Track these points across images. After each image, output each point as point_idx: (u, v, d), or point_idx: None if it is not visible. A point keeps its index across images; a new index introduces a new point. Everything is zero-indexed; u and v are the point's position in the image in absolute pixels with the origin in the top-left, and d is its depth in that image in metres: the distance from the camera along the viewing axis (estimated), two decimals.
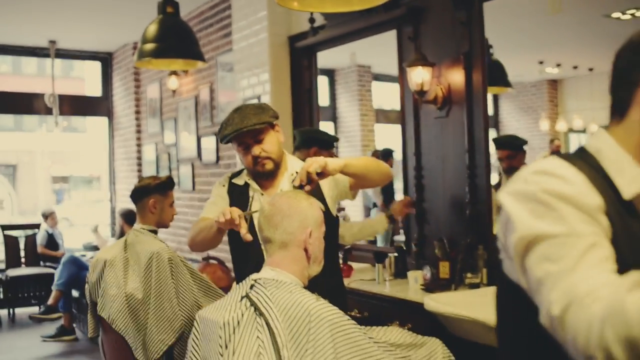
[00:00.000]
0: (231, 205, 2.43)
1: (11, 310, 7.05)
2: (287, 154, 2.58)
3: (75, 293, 6.22)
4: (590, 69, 3.81)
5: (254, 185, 2.51)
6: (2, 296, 7.05)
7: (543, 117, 4.16)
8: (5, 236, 7.31)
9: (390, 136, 4.98)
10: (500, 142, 3.77)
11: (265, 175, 2.47)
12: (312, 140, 3.38)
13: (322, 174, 2.20)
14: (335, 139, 2.69)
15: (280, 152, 2.50)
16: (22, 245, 7.32)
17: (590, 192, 1.07)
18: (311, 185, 2.19)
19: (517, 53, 4.44)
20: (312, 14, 4.46)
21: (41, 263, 7.29)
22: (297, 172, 2.31)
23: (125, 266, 3.21)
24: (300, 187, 2.19)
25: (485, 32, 3.43)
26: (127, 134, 7.87)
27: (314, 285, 2.13)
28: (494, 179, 3.52)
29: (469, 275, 3.13)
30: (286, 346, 1.86)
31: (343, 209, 5.40)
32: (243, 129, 2.38)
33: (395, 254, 3.59)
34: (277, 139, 2.49)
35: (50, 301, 6.15)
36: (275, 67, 4.75)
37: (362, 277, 3.54)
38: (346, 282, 3.42)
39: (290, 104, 4.82)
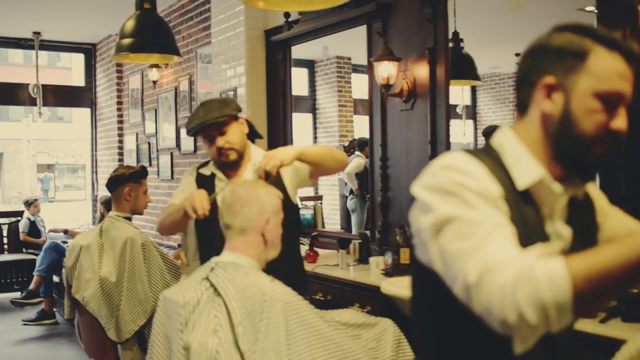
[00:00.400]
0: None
1: None
2: (250, 144, 2.72)
3: (56, 278, 6.35)
4: None
5: (219, 175, 2.64)
6: None
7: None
8: None
9: (363, 125, 5.12)
10: (487, 134, 3.89)
11: (230, 166, 2.61)
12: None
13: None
14: (259, 135, 2.82)
15: (243, 143, 2.63)
16: (4, 233, 7.43)
17: (490, 182, 1.19)
18: (269, 179, 2.35)
19: (493, 45, 4.57)
20: None
21: (23, 250, 7.40)
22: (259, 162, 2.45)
23: (100, 251, 3.35)
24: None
25: (460, 26, 3.56)
26: (109, 124, 7.97)
27: (274, 269, 2.27)
28: None
29: None
30: (241, 324, 2.01)
31: (321, 198, 5.56)
32: (207, 122, 2.52)
33: (360, 241, 3.75)
34: (241, 131, 2.63)
35: (31, 286, 6.29)
36: (251, 60, 4.88)
37: (327, 263, 3.70)
38: (311, 267, 3.59)
39: (265, 96, 4.95)
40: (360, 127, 5.38)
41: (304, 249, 3.93)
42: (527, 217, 1.23)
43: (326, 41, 4.69)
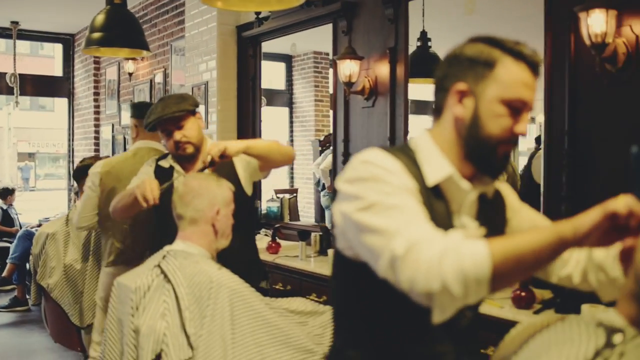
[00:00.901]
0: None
1: None
2: (207, 138, 2.83)
3: (29, 266, 6.42)
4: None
5: (177, 167, 2.75)
6: None
7: None
8: None
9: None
10: None
11: (187, 159, 2.72)
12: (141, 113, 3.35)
13: (224, 157, 2.45)
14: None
15: (200, 137, 2.74)
16: None
17: (406, 176, 1.30)
18: (213, 167, 2.44)
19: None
20: None
21: None
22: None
23: (65, 239, 3.45)
24: (204, 169, 2.45)
25: (438, 24, 3.65)
26: (86, 115, 8.03)
27: (227, 257, 2.39)
28: None
29: None
30: (189, 308, 2.12)
31: (296, 191, 5.65)
32: (164, 116, 2.62)
33: (320, 233, 3.87)
34: (198, 125, 2.74)
35: (4, 273, 6.37)
36: (222, 55, 4.98)
37: (288, 254, 3.82)
38: (272, 258, 3.70)
39: (236, 90, 5.05)
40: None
41: (266, 240, 4.05)
42: (436, 210, 1.34)
43: (303, 36, 4.77)
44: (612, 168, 2.64)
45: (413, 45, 3.97)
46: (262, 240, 4.08)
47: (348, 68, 3.76)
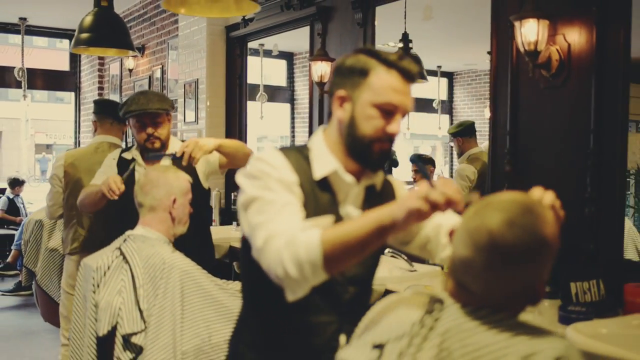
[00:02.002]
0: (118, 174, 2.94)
1: None
2: (172, 137, 3.08)
3: None
4: None
5: (139, 160, 3.00)
6: None
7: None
8: None
9: None
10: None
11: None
12: (109, 112, 3.68)
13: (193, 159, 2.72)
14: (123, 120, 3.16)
15: (168, 135, 3.00)
16: None
17: (288, 171, 1.50)
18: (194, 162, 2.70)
19: (468, 43, 4.81)
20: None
21: (5, 226, 7.78)
22: (175, 152, 2.77)
23: (52, 226, 3.72)
24: (174, 157, 2.69)
25: (430, 23, 3.82)
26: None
27: (182, 243, 2.63)
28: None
29: None
30: (143, 287, 2.37)
31: None
32: (148, 110, 2.87)
33: None
34: (169, 125, 2.99)
35: (9, 259, 6.67)
36: (211, 54, 5.22)
37: None
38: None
39: (224, 87, 5.29)
40: None
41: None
42: (321, 201, 1.54)
43: (304, 35, 4.91)
44: (548, 164, 2.84)
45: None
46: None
47: (320, 69, 3.99)
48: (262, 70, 5.58)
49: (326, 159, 1.57)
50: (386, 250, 3.16)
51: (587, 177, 2.65)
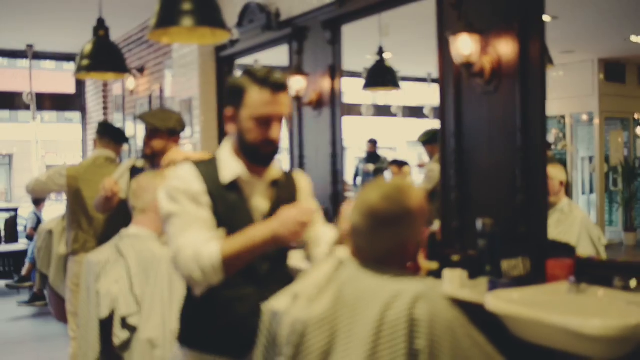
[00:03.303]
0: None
1: None
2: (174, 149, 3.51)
3: None
4: None
5: (147, 167, 3.45)
6: None
7: None
8: None
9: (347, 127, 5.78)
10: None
11: (153, 162, 3.42)
12: (109, 133, 4.19)
13: None
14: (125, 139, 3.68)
15: (161, 149, 3.42)
16: (2, 226, 8.30)
17: (195, 182, 1.86)
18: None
19: None
20: (230, 28, 5.38)
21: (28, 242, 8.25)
22: None
23: (61, 233, 4.17)
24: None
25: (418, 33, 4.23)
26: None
27: None
28: None
29: None
30: (136, 276, 2.80)
31: None
32: (163, 127, 3.35)
33: None
34: (165, 143, 3.41)
35: (23, 272, 7.13)
36: (203, 72, 5.68)
37: None
38: None
39: (216, 103, 5.74)
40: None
41: None
42: (230, 200, 1.90)
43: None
44: (486, 159, 3.26)
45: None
46: None
47: (297, 83, 4.43)
48: None
49: (232, 165, 1.93)
50: None
51: (516, 169, 3.07)
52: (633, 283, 2.45)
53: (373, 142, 5.52)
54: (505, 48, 3.12)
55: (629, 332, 2.07)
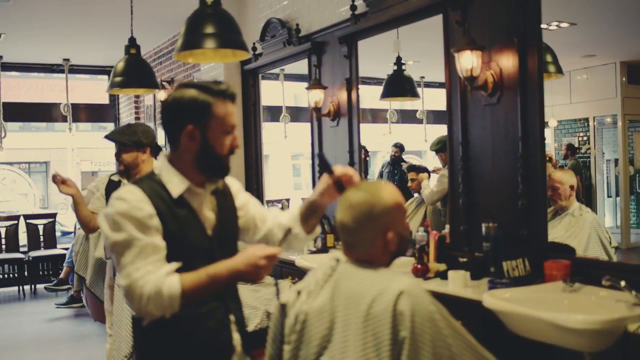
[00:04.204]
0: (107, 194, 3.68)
1: (33, 286, 8.46)
2: (153, 161, 3.65)
3: None
4: None
5: (124, 181, 3.70)
6: (26, 274, 8.45)
7: None
8: (27, 224, 8.70)
9: (368, 132, 5.95)
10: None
11: (127, 175, 3.67)
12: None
13: None
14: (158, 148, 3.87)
15: (130, 162, 3.64)
16: (41, 232, 8.70)
17: (144, 205, 1.77)
18: None
19: None
20: (254, 43, 5.67)
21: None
22: None
23: (97, 237, 4.47)
24: None
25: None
26: None
27: None
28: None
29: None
30: None
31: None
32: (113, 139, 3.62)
33: None
34: (134, 157, 3.63)
35: (61, 275, 7.49)
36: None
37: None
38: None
39: (241, 113, 6.02)
40: (363, 134, 6.00)
41: None
42: (180, 215, 1.85)
43: None
44: (490, 166, 3.47)
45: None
46: None
47: (316, 95, 4.68)
48: (283, 93, 6.27)
49: (177, 180, 1.88)
50: None
51: (518, 176, 3.27)
52: (622, 283, 2.62)
53: (398, 147, 5.73)
54: (506, 62, 3.33)
55: (610, 325, 2.26)
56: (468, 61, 3.34)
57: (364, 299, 1.74)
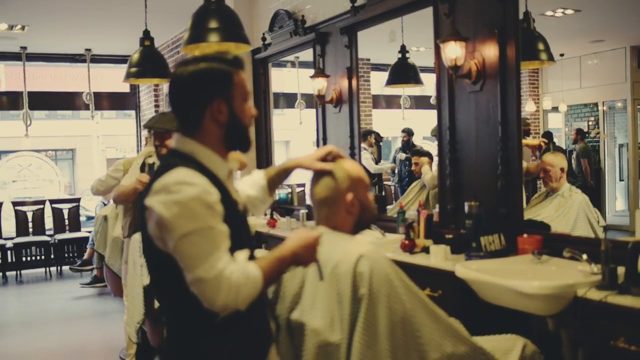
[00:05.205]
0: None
1: (58, 267, 8.90)
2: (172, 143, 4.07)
3: None
4: (562, 55, 4.30)
5: (158, 162, 4.02)
6: (52, 256, 8.88)
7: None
8: (52, 209, 9.12)
9: (384, 118, 6.17)
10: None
11: None
12: None
13: None
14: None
15: None
16: (66, 216, 9.12)
17: (212, 189, 1.64)
18: None
19: None
20: (264, 33, 5.95)
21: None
22: None
23: (115, 218, 4.81)
24: None
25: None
26: None
27: None
28: None
29: None
30: None
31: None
32: (163, 128, 3.92)
33: (306, 211, 5.05)
34: None
35: (85, 257, 7.88)
36: None
37: (282, 227, 5.05)
38: (268, 230, 4.93)
39: (252, 100, 6.31)
40: (378, 120, 6.00)
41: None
42: (229, 197, 1.75)
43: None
44: (474, 149, 3.72)
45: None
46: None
47: (319, 84, 4.96)
48: (298, 81, 6.51)
49: (218, 161, 1.77)
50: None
51: (498, 158, 3.52)
52: (584, 256, 2.84)
53: (407, 132, 5.96)
54: (488, 52, 3.57)
55: (560, 290, 2.53)
56: (452, 51, 3.59)
57: (329, 262, 2.03)
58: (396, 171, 5.84)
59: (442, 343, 2.05)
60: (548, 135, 4.58)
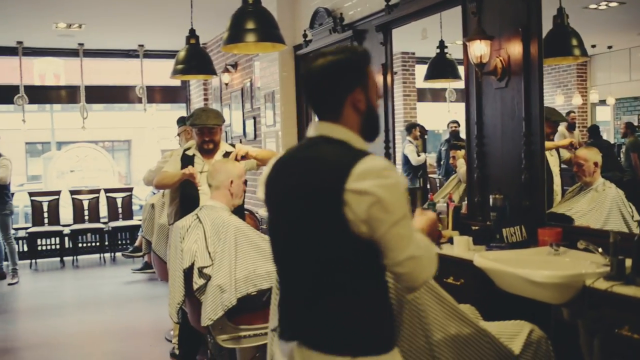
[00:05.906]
0: (182, 165, 4.27)
1: (112, 253, 9.34)
2: (222, 141, 4.34)
3: None
4: (609, 47, 4.31)
5: (198, 155, 4.30)
6: (106, 242, 9.31)
7: (559, 93, 4.40)
8: (107, 197, 9.56)
9: (428, 111, 6.23)
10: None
11: (207, 152, 4.28)
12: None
13: (245, 157, 3.97)
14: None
15: (219, 140, 4.30)
16: (119, 204, 9.54)
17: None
18: (241, 159, 3.96)
19: None
20: (305, 30, 6.15)
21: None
22: (227, 151, 4.08)
23: (162, 206, 5.08)
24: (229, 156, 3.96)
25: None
26: None
27: (238, 210, 3.89)
28: None
29: None
30: (210, 237, 3.61)
31: None
32: (208, 125, 4.17)
33: None
34: (220, 134, 4.29)
35: (136, 243, 8.24)
36: (282, 69, 6.49)
37: None
38: None
39: (295, 96, 6.54)
40: (422, 113, 6.12)
41: None
42: None
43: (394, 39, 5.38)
44: (500, 143, 3.85)
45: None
46: None
47: None
48: None
49: (365, 147, 1.81)
50: None
51: (522, 152, 3.65)
52: (599, 249, 2.95)
53: (455, 123, 6.06)
54: (513, 50, 3.69)
55: (568, 279, 2.66)
56: (478, 49, 3.72)
57: None
58: (442, 163, 5.92)
59: (446, 324, 2.22)
60: (594, 129, 4.58)
